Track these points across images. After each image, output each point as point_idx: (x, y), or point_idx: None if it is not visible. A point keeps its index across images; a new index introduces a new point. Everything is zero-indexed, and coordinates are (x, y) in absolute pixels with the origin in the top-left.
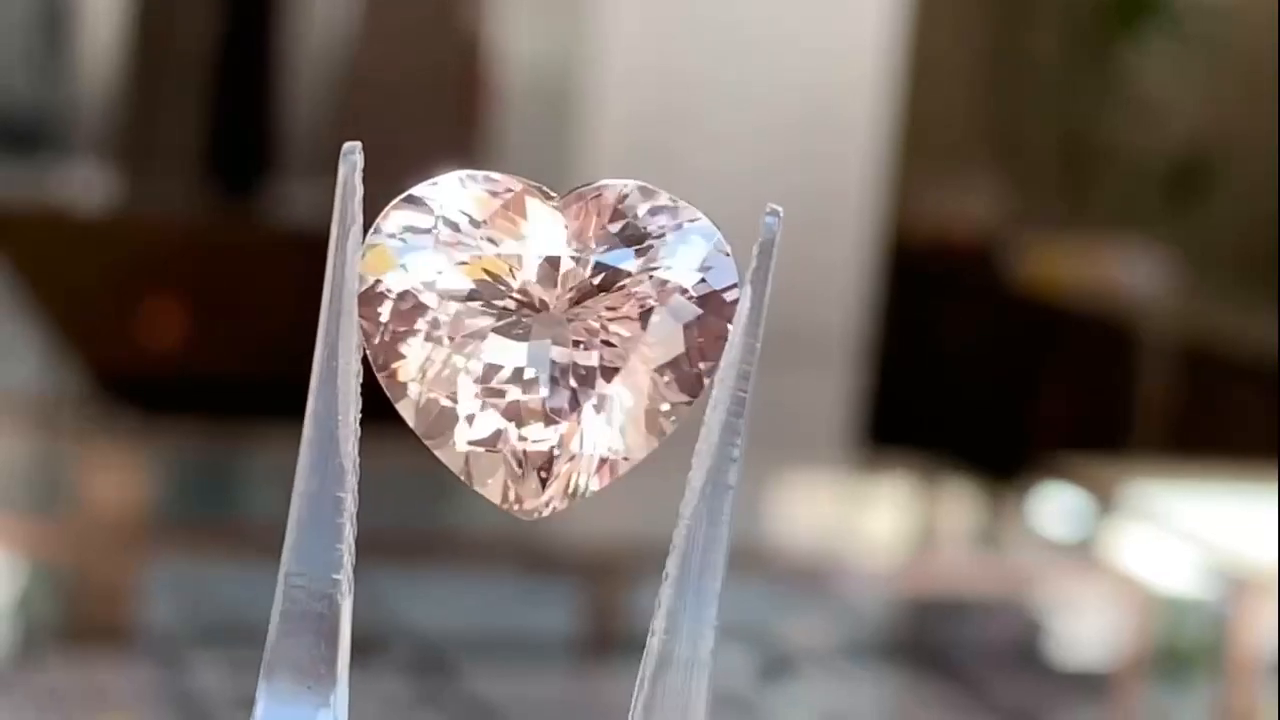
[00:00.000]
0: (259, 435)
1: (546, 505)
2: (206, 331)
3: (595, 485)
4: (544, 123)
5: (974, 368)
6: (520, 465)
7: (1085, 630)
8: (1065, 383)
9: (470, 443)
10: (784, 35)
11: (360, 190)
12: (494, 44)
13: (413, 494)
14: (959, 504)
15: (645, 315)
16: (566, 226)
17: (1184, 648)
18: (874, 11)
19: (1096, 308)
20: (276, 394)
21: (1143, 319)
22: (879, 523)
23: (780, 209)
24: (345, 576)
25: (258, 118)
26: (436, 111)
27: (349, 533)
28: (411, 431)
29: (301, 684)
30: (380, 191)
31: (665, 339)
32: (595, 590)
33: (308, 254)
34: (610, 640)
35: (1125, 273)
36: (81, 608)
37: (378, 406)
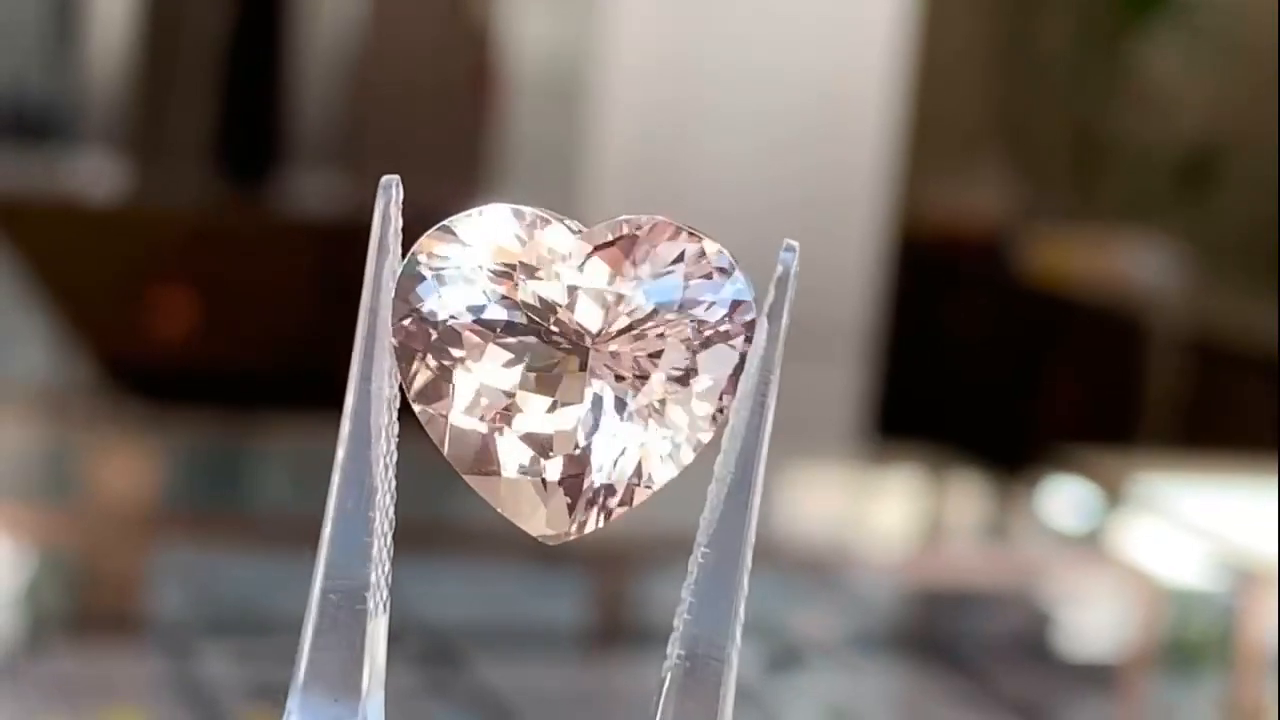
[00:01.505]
0: (268, 425)
1: (573, 531)
2: (216, 322)
3: (619, 513)
4: (553, 116)
5: (982, 360)
6: (549, 493)
7: (1093, 623)
8: (1074, 375)
9: (501, 470)
10: (796, 26)
11: (398, 221)
12: (503, 36)
13: (422, 485)
14: (967, 496)
15: (670, 348)
16: (598, 261)
17: (1192, 640)
18: (886, 4)
19: (1105, 300)
20: (285, 384)
21: (1152, 312)
22: (887, 515)
23: (796, 244)
24: (375, 594)
25: (268, 108)
26: (446, 102)
27: (379, 551)
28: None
29: (329, 696)
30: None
31: (689, 372)
32: (605, 581)
33: (317, 245)
34: (619, 631)
35: (1134, 265)
36: (90, 597)
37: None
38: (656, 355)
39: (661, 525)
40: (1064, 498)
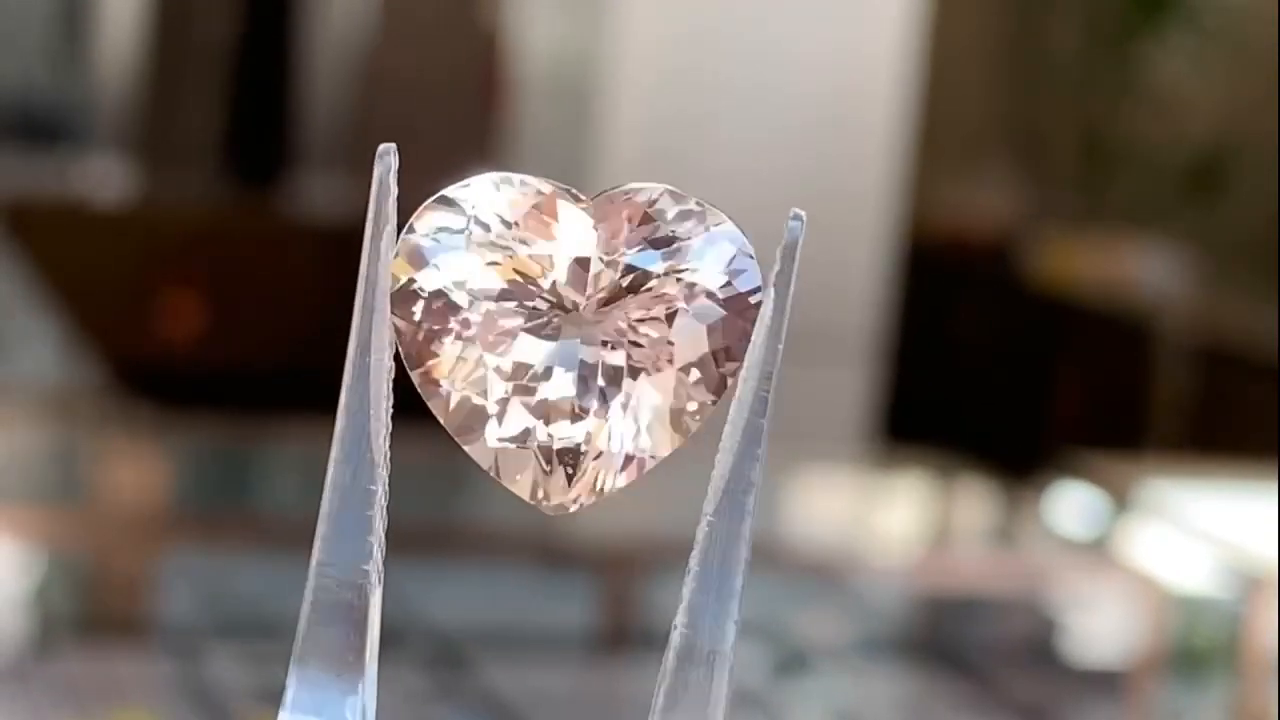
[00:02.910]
0: (276, 427)
1: (573, 502)
2: (224, 324)
3: (621, 482)
4: (561, 118)
5: (990, 364)
6: (548, 462)
7: (1100, 628)
8: (1081, 379)
9: (500, 440)
10: (802, 29)
11: (395, 191)
12: (512, 39)
13: (428, 487)
14: (974, 501)
15: (672, 317)
16: (596, 229)
17: (1199, 646)
18: (893, 6)
19: (1113, 304)
20: (294, 385)
21: (1160, 316)
22: (894, 519)
23: (803, 213)
24: (374, 568)
25: (276, 110)
26: (454, 105)
27: (379, 525)
28: (429, 425)
29: (330, 672)
30: (399, 185)
31: (691, 340)
32: (611, 584)
33: (325, 246)
34: (626, 634)
35: (1142, 269)
36: (98, 599)
37: (395, 399)
38: (657, 323)
39: (667, 528)
40: (1071, 503)
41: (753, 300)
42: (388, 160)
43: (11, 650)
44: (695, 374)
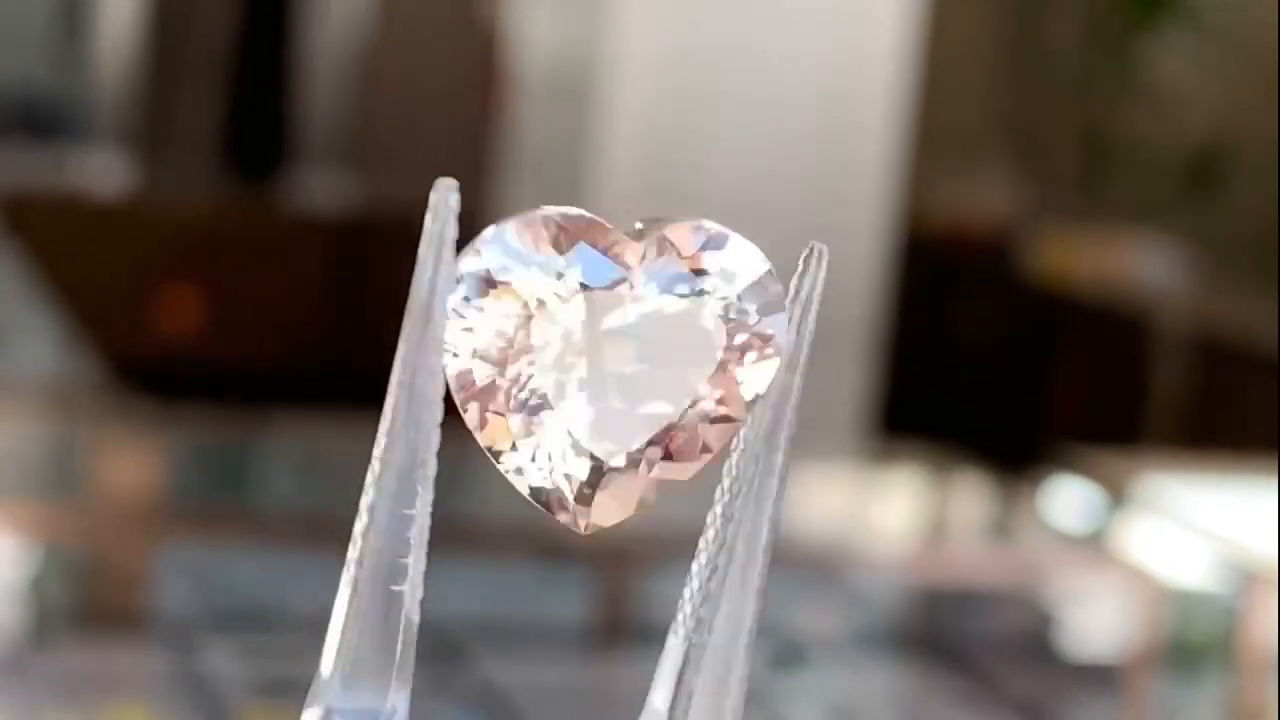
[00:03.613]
0: (274, 422)
1: (601, 520)
2: (222, 318)
3: (650, 503)
4: (559, 115)
5: (988, 360)
6: (576, 483)
7: (1096, 622)
8: (1079, 375)
9: (532, 460)
10: (800, 26)
11: (455, 232)
12: (511, 37)
13: None
14: (971, 495)
15: (696, 341)
16: (626, 259)
17: (1195, 641)
18: (892, 3)
19: (1111, 300)
20: (292, 381)
21: (1157, 312)
22: (891, 513)
23: (825, 247)
24: (410, 587)
25: (275, 105)
26: (453, 101)
27: (417, 549)
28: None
29: (361, 681)
30: (397, 182)
31: (715, 367)
32: (607, 578)
33: (324, 242)
34: (622, 628)
35: (1141, 265)
36: (96, 592)
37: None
38: (683, 348)
39: (665, 523)
40: (1068, 497)
41: (775, 329)
42: (445, 195)
43: (9, 642)
44: (718, 399)
